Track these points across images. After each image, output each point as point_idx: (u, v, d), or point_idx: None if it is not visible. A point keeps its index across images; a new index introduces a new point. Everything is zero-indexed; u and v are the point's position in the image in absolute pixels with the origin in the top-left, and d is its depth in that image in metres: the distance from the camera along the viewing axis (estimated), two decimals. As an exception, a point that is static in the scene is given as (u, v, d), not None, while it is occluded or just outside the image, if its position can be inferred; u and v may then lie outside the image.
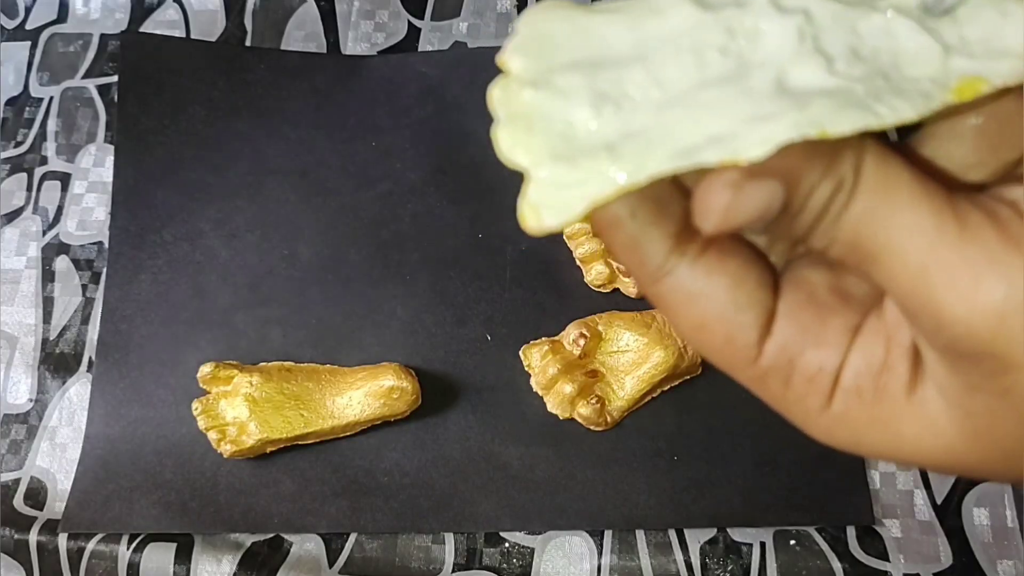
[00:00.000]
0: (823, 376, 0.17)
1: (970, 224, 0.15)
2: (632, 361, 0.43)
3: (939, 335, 0.15)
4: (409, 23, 0.53)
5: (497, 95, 0.17)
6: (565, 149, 0.16)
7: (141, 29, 0.53)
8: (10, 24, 0.53)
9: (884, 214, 0.15)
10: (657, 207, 0.16)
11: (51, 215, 0.49)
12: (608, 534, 0.42)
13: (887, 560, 0.42)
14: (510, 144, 0.16)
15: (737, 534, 0.42)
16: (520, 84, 0.16)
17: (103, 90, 0.52)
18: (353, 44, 0.52)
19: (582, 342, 0.43)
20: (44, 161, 0.50)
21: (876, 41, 0.16)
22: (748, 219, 0.15)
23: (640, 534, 0.42)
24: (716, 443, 0.43)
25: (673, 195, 0.17)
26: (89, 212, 0.49)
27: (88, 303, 0.47)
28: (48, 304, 0.47)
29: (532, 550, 0.42)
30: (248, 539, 0.43)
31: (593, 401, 0.42)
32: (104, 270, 0.47)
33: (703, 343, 0.17)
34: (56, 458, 0.45)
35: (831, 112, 0.15)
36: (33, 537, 0.42)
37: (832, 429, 0.18)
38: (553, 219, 0.16)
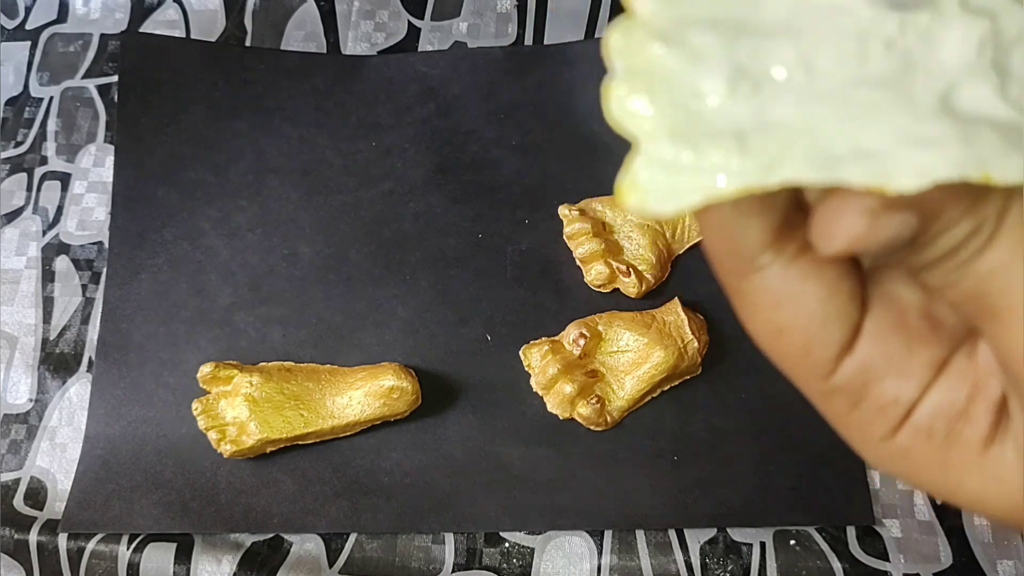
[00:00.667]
0: (896, 408, 0.16)
1: None
2: (632, 361, 0.43)
3: None
4: (409, 23, 0.53)
5: (616, 42, 0.14)
6: (688, 126, 0.13)
7: (141, 29, 0.53)
8: (10, 24, 0.53)
9: (1019, 273, 0.13)
10: (763, 196, 0.14)
11: (51, 215, 0.49)
12: (608, 534, 0.42)
13: (887, 560, 0.42)
14: (624, 106, 0.14)
15: (737, 534, 0.42)
16: (648, 34, 0.14)
17: (103, 90, 0.52)
18: (353, 44, 0.52)
19: (582, 342, 0.43)
20: (44, 161, 0.50)
21: None
22: (875, 249, 0.14)
23: (640, 534, 0.42)
24: (716, 443, 0.43)
25: (781, 211, 0.15)
26: (89, 212, 0.49)
27: (88, 303, 0.47)
28: (48, 304, 0.47)
29: (532, 550, 0.42)
30: (248, 539, 0.43)
31: (593, 401, 0.42)
32: (104, 270, 0.47)
33: (776, 348, 0.16)
34: (56, 458, 0.45)
35: (999, 154, 0.13)
36: (33, 537, 0.42)
37: (890, 460, 0.17)
38: (660, 206, 0.13)
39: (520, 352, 0.44)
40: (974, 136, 0.13)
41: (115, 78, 0.51)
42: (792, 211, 0.15)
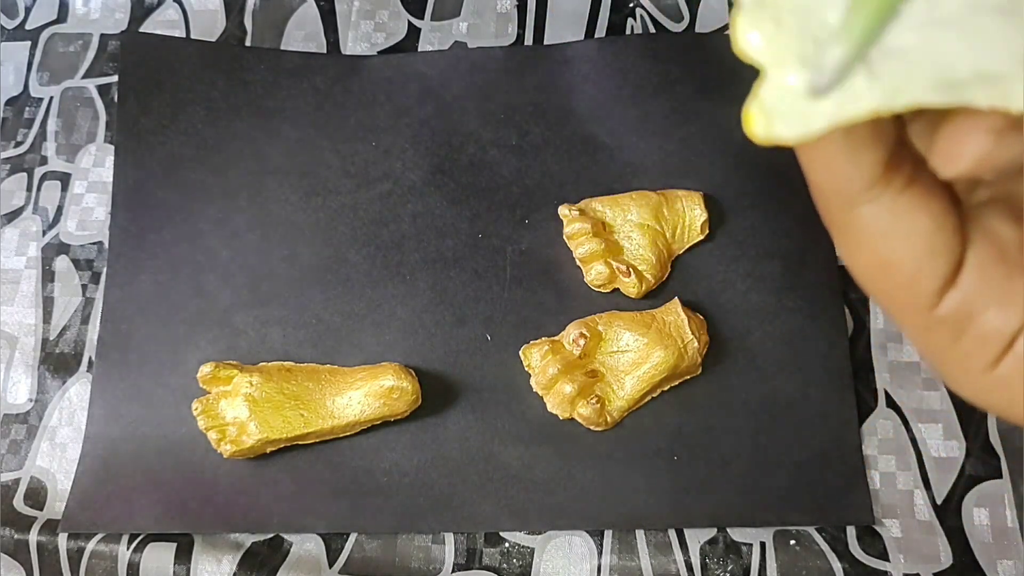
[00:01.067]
0: (999, 337, 0.16)
1: None
2: (632, 361, 0.43)
3: None
4: (409, 23, 0.53)
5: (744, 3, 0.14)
6: (814, 53, 0.14)
7: (141, 29, 0.53)
8: (10, 24, 0.53)
9: None
10: (874, 125, 0.15)
11: (51, 215, 0.49)
12: (608, 534, 0.42)
13: (887, 560, 0.42)
14: (752, 35, 0.14)
15: (737, 534, 0.42)
16: None
17: (103, 90, 0.52)
18: (353, 44, 0.52)
19: (582, 342, 0.43)
20: (44, 161, 0.50)
21: None
22: (996, 170, 0.14)
23: (640, 534, 0.42)
24: (716, 443, 0.43)
25: (889, 139, 0.15)
26: (89, 212, 0.49)
27: (88, 303, 0.47)
28: (48, 304, 0.47)
29: (532, 550, 0.42)
30: (248, 539, 0.43)
31: (593, 401, 0.42)
32: (104, 270, 0.47)
33: (880, 282, 0.16)
34: (56, 458, 0.45)
35: None
36: (33, 537, 0.42)
37: (990, 391, 0.17)
38: (788, 131, 0.14)
39: (520, 352, 0.44)
40: None
41: (115, 78, 0.51)
42: (899, 144, 0.15)
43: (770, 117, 0.14)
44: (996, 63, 0.13)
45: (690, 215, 0.46)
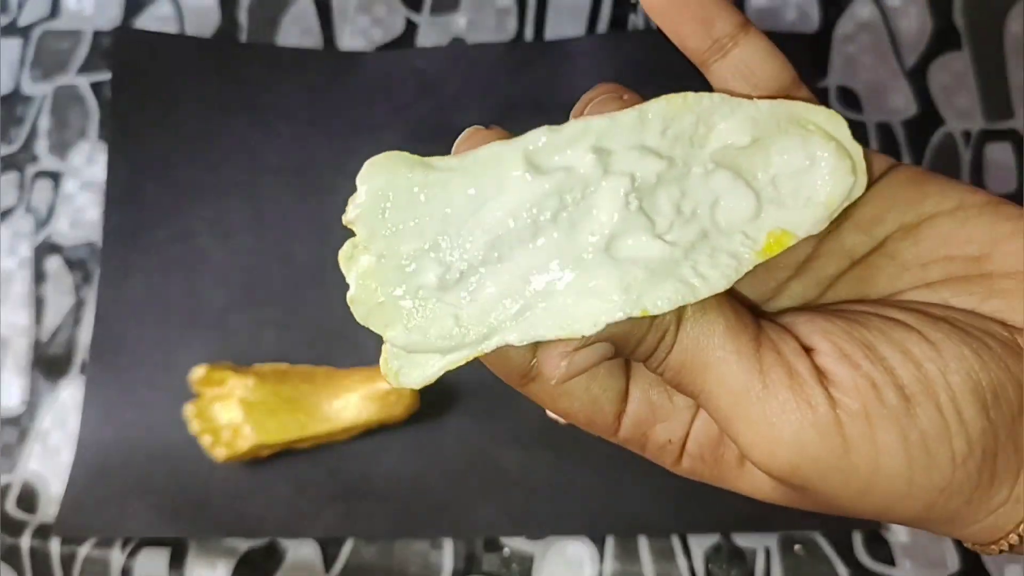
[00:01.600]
0: (672, 446, 0.20)
1: (770, 382, 0.17)
2: None
3: (757, 466, 0.18)
4: (406, 18, 0.52)
5: (344, 258, 0.18)
6: (416, 319, 0.17)
7: (134, 25, 0.52)
8: (2, 20, 0.53)
9: (700, 366, 0.17)
10: None
11: (43, 214, 0.48)
12: (609, 540, 0.42)
13: (893, 565, 0.41)
14: (364, 314, 0.18)
15: (741, 540, 0.42)
16: (367, 256, 0.17)
17: (96, 87, 0.51)
18: (349, 40, 0.52)
19: None
20: (36, 159, 0.49)
21: (697, 193, 0.17)
22: (583, 371, 0.18)
23: (642, 540, 0.42)
24: (719, 447, 0.43)
25: None
26: (81, 211, 0.48)
27: (80, 304, 0.47)
28: (40, 305, 0.47)
29: (532, 556, 0.42)
30: (243, 544, 0.42)
31: None
32: (97, 270, 0.47)
33: (575, 422, 0.20)
34: (49, 462, 0.44)
35: (652, 290, 0.16)
36: (25, 542, 0.42)
37: (689, 475, 0.21)
38: (411, 381, 0.18)
39: None
40: (630, 280, 0.16)
41: (108, 75, 0.50)
42: None
43: (397, 373, 0.18)
44: (559, 299, 0.17)
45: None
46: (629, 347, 0.18)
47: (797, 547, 0.41)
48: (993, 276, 0.18)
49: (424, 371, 0.17)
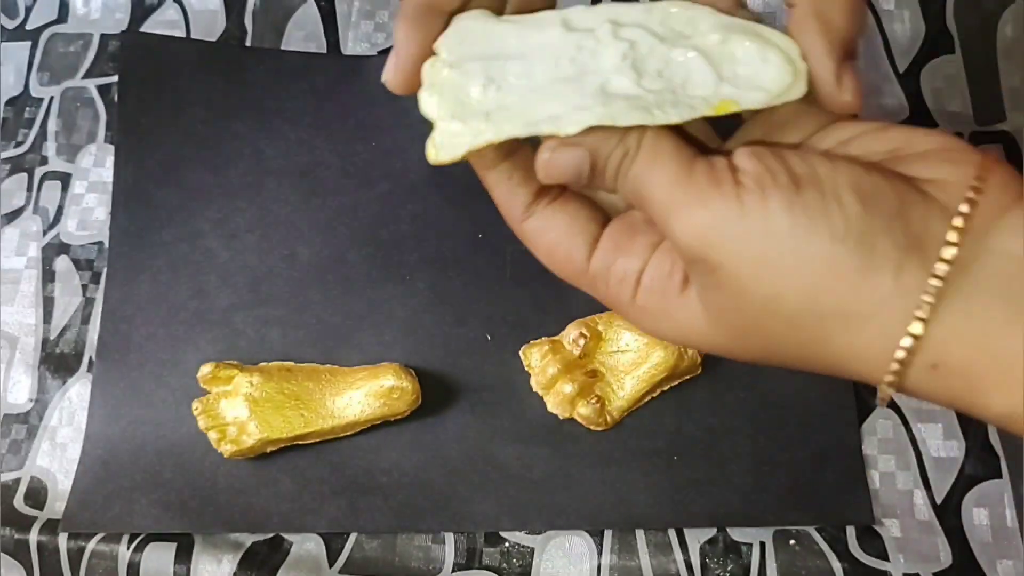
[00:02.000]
0: (628, 276, 0.24)
1: (695, 175, 0.21)
2: (632, 361, 0.43)
3: (678, 249, 0.22)
4: (409, 23, 0.53)
5: (426, 68, 0.25)
6: (460, 111, 0.24)
7: (141, 29, 0.53)
8: (10, 24, 0.53)
9: (648, 171, 0.22)
10: (525, 172, 0.25)
11: (51, 215, 0.49)
12: (608, 534, 0.42)
13: (887, 560, 0.42)
14: (428, 102, 0.25)
15: (737, 534, 0.42)
16: (442, 64, 0.25)
17: (103, 90, 0.52)
18: (353, 44, 0.52)
19: (582, 342, 0.43)
20: (44, 161, 0.50)
21: (676, 67, 0.24)
22: (565, 173, 0.23)
23: (640, 534, 0.42)
24: (716, 443, 0.43)
25: (530, 171, 0.24)
26: (89, 212, 0.49)
27: (88, 303, 0.47)
28: (48, 304, 0.47)
29: (532, 550, 0.42)
30: (248, 539, 0.43)
31: (593, 401, 0.42)
32: (104, 270, 0.47)
33: (552, 263, 0.25)
34: (56, 458, 0.45)
35: (624, 111, 0.23)
36: (33, 537, 0.42)
37: (638, 317, 0.24)
38: (445, 156, 0.24)
39: (520, 352, 0.44)
40: (612, 103, 0.23)
41: (115, 78, 0.51)
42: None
43: (437, 149, 0.24)
44: (558, 110, 0.23)
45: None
46: (601, 160, 0.23)
47: (791, 541, 0.42)
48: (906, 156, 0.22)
49: (455, 151, 0.24)
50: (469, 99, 0.24)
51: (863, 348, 0.21)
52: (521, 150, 0.25)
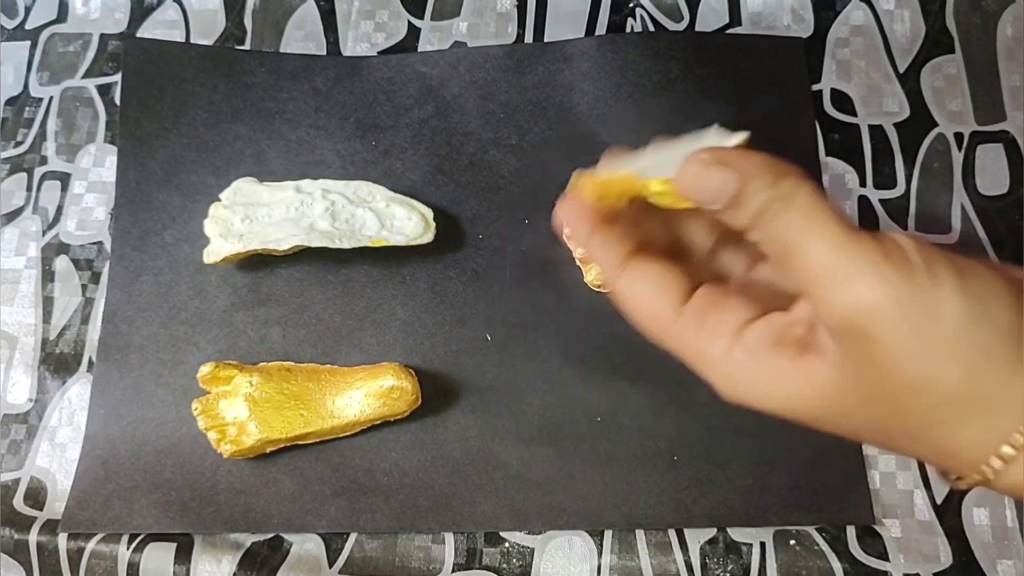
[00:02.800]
0: (725, 328, 0.24)
1: (864, 245, 0.21)
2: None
3: (833, 315, 0.21)
4: (409, 23, 0.53)
5: (212, 209, 0.44)
6: (226, 233, 0.43)
7: (141, 29, 0.53)
8: (10, 24, 0.53)
9: (807, 225, 0.22)
10: (622, 233, 0.26)
11: (51, 215, 0.49)
12: (608, 534, 0.42)
13: (887, 560, 0.42)
14: (209, 227, 0.44)
15: (737, 534, 0.42)
16: (222, 206, 0.44)
17: (103, 90, 0.52)
18: (353, 44, 0.52)
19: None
20: (44, 161, 0.50)
21: (357, 217, 0.44)
22: (707, 190, 0.23)
23: (640, 534, 0.42)
24: (716, 443, 0.43)
25: (626, 234, 0.26)
26: (89, 212, 0.49)
27: (88, 303, 0.47)
28: (48, 304, 0.47)
29: (532, 550, 0.42)
30: (248, 539, 0.43)
31: None
32: (104, 270, 0.47)
33: (641, 313, 0.25)
34: (56, 458, 0.45)
35: (317, 238, 0.43)
36: (33, 537, 0.42)
37: (727, 371, 0.24)
38: (212, 259, 0.43)
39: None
40: (311, 234, 0.43)
41: (115, 78, 0.51)
42: (635, 244, 0.26)
43: (208, 254, 0.43)
44: (282, 235, 0.43)
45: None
46: (747, 194, 0.22)
47: (792, 541, 0.42)
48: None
49: (219, 256, 0.40)
50: (233, 227, 0.44)
51: (975, 437, 0.21)
52: (621, 217, 0.26)
